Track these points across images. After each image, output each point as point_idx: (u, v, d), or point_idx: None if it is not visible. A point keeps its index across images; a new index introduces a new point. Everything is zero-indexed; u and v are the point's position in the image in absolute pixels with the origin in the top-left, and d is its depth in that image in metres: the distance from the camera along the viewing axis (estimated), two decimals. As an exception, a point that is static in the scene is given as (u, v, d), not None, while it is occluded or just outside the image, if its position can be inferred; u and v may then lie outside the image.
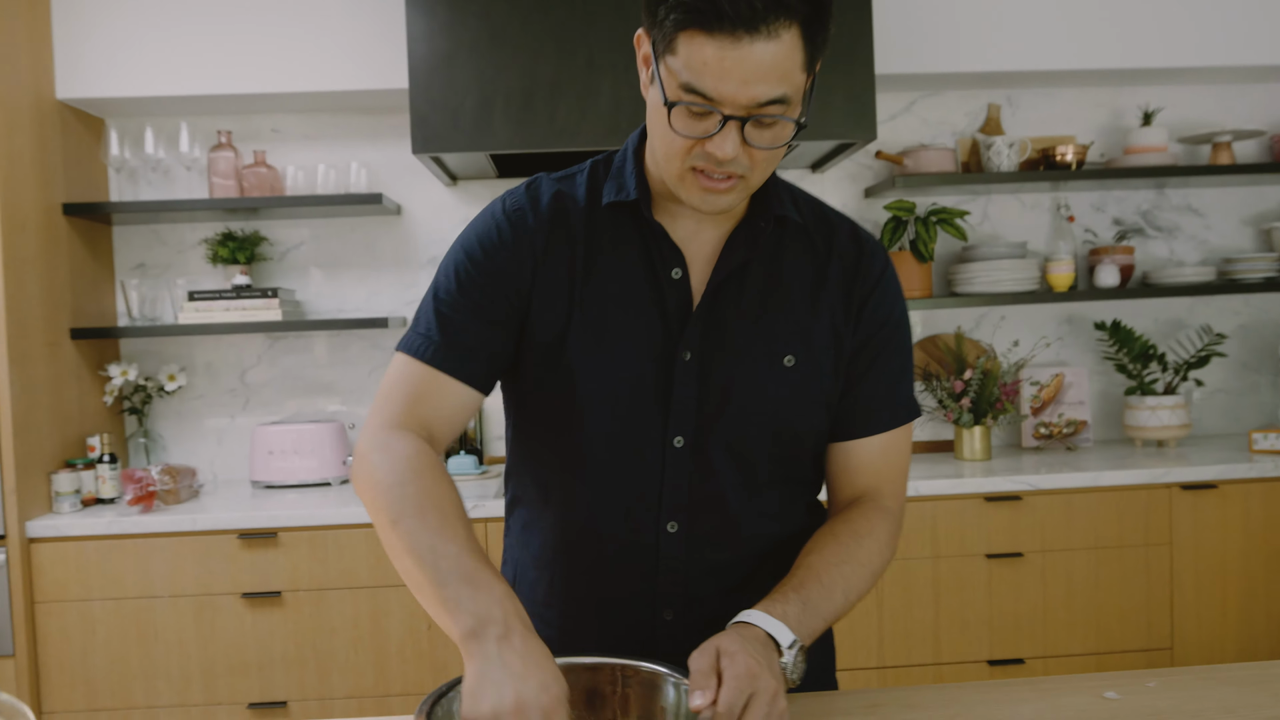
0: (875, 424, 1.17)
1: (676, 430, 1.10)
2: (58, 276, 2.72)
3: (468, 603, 0.90)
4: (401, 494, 1.00)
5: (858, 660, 2.63)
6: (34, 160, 2.61)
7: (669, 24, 0.93)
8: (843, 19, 2.54)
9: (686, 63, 0.93)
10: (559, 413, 1.12)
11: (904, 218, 2.93)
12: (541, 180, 1.16)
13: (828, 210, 1.20)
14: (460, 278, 1.11)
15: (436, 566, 0.93)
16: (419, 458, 1.03)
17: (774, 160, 1.03)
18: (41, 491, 2.61)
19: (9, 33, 2.51)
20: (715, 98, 0.94)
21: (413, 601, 2.54)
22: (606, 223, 1.12)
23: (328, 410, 3.10)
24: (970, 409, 2.88)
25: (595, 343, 1.10)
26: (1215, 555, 2.68)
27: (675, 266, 1.11)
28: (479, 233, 1.13)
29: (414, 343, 1.10)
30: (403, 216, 3.08)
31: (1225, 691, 1.10)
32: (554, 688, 0.86)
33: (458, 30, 2.51)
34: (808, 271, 1.15)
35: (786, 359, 1.12)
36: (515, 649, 0.87)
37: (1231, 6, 2.86)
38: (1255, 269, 2.96)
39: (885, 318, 1.17)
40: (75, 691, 2.53)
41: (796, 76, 0.95)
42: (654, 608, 1.14)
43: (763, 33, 0.90)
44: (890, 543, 1.15)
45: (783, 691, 0.91)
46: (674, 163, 1.01)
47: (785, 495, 1.19)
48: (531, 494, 1.21)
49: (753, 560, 1.16)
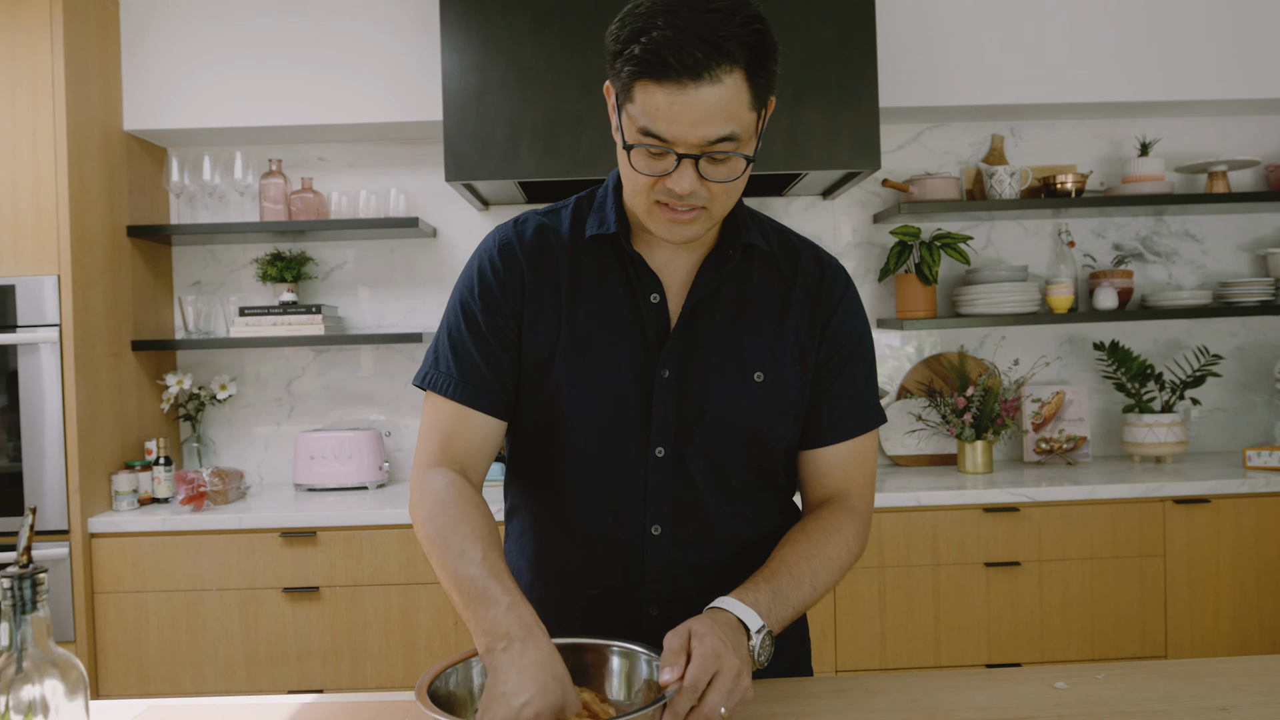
0: (841, 432, 1.25)
1: (658, 441, 1.19)
2: (121, 293, 2.95)
3: (481, 621, 1.00)
4: (432, 526, 1.11)
5: (861, 662, 2.76)
6: (102, 186, 2.85)
7: (625, 75, 1.03)
8: (849, 57, 2.72)
9: (642, 109, 1.02)
10: (549, 428, 1.21)
11: (909, 242, 3.08)
12: (529, 216, 1.26)
13: (793, 236, 1.30)
14: (466, 314, 1.22)
15: (459, 589, 1.04)
16: (448, 490, 1.14)
17: (733, 191, 1.11)
18: (102, 490, 2.82)
19: (83, 70, 2.75)
20: (669, 139, 1.03)
21: (441, 598, 2.72)
22: (589, 253, 1.22)
23: (367, 419, 3.29)
24: (972, 424, 3.01)
25: (581, 363, 1.19)
26: (1208, 567, 2.78)
27: (653, 292, 1.20)
28: (476, 270, 1.24)
29: (437, 380, 1.21)
30: (438, 239, 3.29)
31: (1168, 684, 1.16)
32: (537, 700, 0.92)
33: (488, 68, 2.71)
34: (774, 294, 1.24)
35: (757, 375, 1.21)
36: (514, 662, 0.94)
37: (1227, 42, 2.99)
38: (1251, 293, 3.07)
39: (848, 334, 1.26)
40: (129, 676, 2.72)
41: (744, 116, 1.03)
42: (640, 604, 1.22)
43: (706, 79, 0.99)
44: (858, 539, 1.22)
45: (747, 671, 0.99)
46: (640, 198, 1.11)
47: (759, 500, 1.27)
48: (526, 502, 1.30)
49: (731, 559, 1.24)
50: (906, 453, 3.27)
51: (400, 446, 3.29)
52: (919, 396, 3.25)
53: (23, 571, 0.74)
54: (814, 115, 2.72)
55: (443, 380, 1.21)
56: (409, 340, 3.02)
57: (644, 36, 1.00)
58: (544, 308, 1.21)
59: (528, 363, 1.21)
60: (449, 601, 2.71)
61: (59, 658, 0.77)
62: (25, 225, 2.66)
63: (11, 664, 0.75)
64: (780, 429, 1.23)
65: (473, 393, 1.20)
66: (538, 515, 1.29)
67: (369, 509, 2.75)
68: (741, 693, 0.97)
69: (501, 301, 1.21)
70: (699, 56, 0.98)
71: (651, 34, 0.99)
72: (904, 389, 3.27)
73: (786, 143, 2.72)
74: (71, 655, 0.79)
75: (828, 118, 2.73)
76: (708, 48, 0.98)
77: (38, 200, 2.65)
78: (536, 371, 1.21)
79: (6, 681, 0.74)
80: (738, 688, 0.96)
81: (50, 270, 2.66)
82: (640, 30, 1.00)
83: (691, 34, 0.98)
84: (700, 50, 0.98)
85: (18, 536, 0.77)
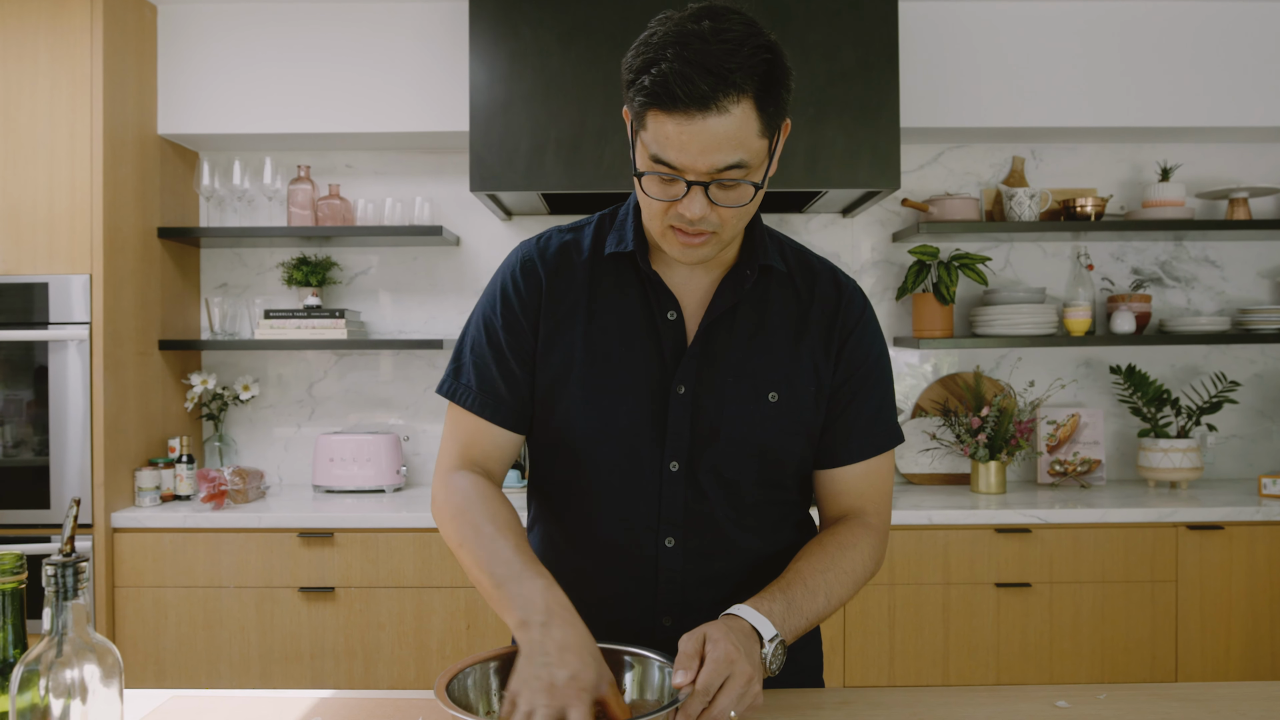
0: (856, 452, 1.27)
1: (672, 456, 1.22)
2: (150, 293, 3.01)
3: (516, 598, 1.04)
4: (462, 521, 1.16)
5: (869, 678, 2.77)
6: (135, 188, 2.91)
7: (637, 104, 1.06)
8: (870, 79, 2.75)
9: (654, 137, 1.06)
10: (566, 441, 1.24)
11: (928, 261, 3.10)
12: (552, 234, 1.30)
13: (812, 258, 1.32)
14: (488, 329, 1.26)
15: (493, 573, 1.09)
16: (473, 488, 1.20)
17: (743, 216, 1.13)
18: (126, 486, 2.87)
19: (121, 74, 2.82)
20: (679, 166, 1.06)
21: (454, 602, 2.75)
22: (609, 270, 1.25)
23: (386, 423, 3.34)
24: (986, 445, 3.02)
25: (599, 378, 1.22)
26: (1220, 594, 2.77)
27: (671, 310, 1.23)
28: (499, 287, 1.27)
29: (458, 391, 1.25)
30: (461, 247, 3.33)
31: (1169, 706, 1.17)
32: (582, 676, 0.95)
33: (515, 81, 2.75)
34: (791, 314, 1.26)
35: (771, 395, 1.23)
36: (554, 638, 0.98)
37: (1248, 70, 3.01)
38: (1270, 320, 3.06)
39: (865, 356, 1.27)
40: (147, 670, 2.76)
41: (753, 143, 1.06)
42: (654, 614, 1.25)
43: (714, 109, 1.02)
44: (873, 555, 1.24)
45: (758, 678, 1.00)
46: (655, 222, 1.14)
47: (771, 514, 1.29)
48: (544, 512, 1.33)
49: (743, 572, 1.26)
50: (920, 471, 3.28)
51: (418, 451, 3.33)
52: (934, 415, 3.26)
53: (66, 560, 0.78)
54: (835, 134, 2.75)
55: (463, 392, 1.26)
56: (429, 346, 3.06)
57: (654, 68, 1.03)
58: (563, 323, 1.24)
59: (546, 377, 1.24)
60: (462, 606, 2.75)
61: (97, 644, 0.81)
62: (59, 225, 2.72)
63: (52, 648, 0.78)
64: (793, 448, 1.25)
65: (491, 406, 1.24)
66: (555, 525, 1.32)
67: (386, 511, 2.79)
68: (752, 698, 0.99)
69: (521, 318, 1.24)
70: (705, 89, 1.01)
71: (661, 65, 1.02)
72: (919, 408, 3.29)
73: (807, 161, 2.75)
74: (109, 642, 0.83)
75: (849, 137, 2.75)
76: (714, 79, 1.01)
77: (72, 200, 2.72)
78: (554, 385, 1.23)
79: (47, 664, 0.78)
80: (748, 693, 0.99)
81: (82, 269, 2.72)
82: (651, 61, 1.03)
83: (699, 66, 1.01)
84: (707, 83, 1.01)
85: (62, 527, 0.81)
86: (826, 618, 1.19)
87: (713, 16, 1.04)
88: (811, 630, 1.34)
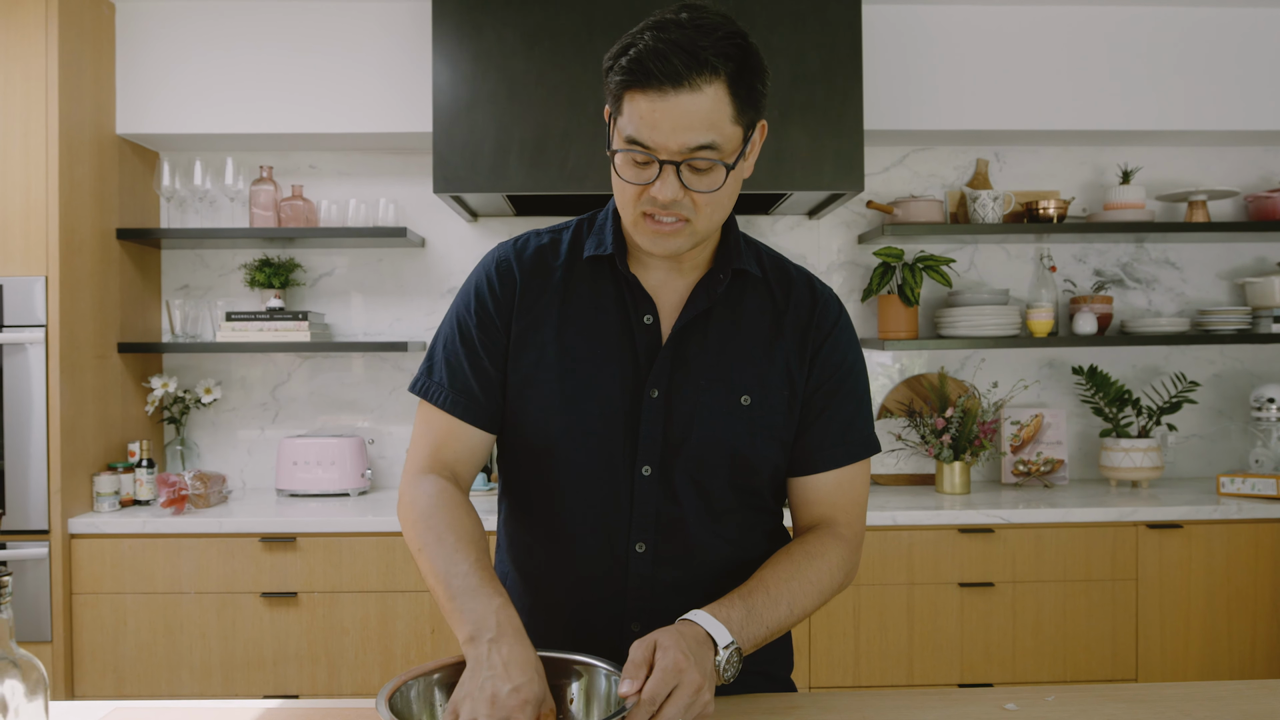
0: (829, 461, 1.26)
1: (645, 460, 1.21)
2: (109, 295, 2.97)
3: (469, 613, 1.04)
4: (425, 527, 1.15)
5: (834, 679, 2.78)
6: (92, 189, 2.87)
7: (614, 86, 1.09)
8: (834, 82, 2.76)
9: (629, 118, 1.08)
10: (538, 443, 1.23)
11: (892, 263, 3.11)
12: (529, 236, 1.31)
13: (788, 265, 1.32)
14: (461, 329, 1.26)
15: (449, 584, 1.08)
16: (440, 495, 1.19)
17: (716, 204, 1.13)
18: (84, 491, 2.83)
19: (77, 73, 2.78)
20: (651, 145, 1.08)
21: (418, 607, 2.73)
22: (586, 274, 1.25)
23: (352, 426, 3.31)
24: (950, 445, 3.04)
25: (572, 380, 1.22)
26: (1180, 592, 2.80)
27: (647, 313, 1.23)
28: (474, 287, 1.28)
29: (429, 389, 1.26)
30: (426, 249, 3.31)
31: (1115, 708, 1.18)
32: (525, 690, 0.96)
33: (479, 82, 2.74)
34: (766, 320, 1.26)
35: (744, 398, 1.22)
36: (501, 654, 0.99)
37: (1209, 74, 3.04)
38: (1229, 321, 3.10)
39: (839, 363, 1.27)
40: (105, 678, 2.72)
41: (725, 127, 1.08)
42: (622, 620, 1.24)
43: (686, 87, 1.05)
44: (843, 566, 1.23)
45: (709, 686, 1.00)
46: (628, 210, 1.15)
47: (743, 521, 1.28)
48: (515, 514, 1.33)
49: (714, 579, 1.24)
50: (885, 472, 3.30)
51: (384, 454, 3.30)
52: (899, 416, 3.28)
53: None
54: (799, 136, 2.75)
55: (435, 390, 1.26)
56: (395, 349, 3.04)
57: (632, 49, 1.07)
58: (537, 324, 1.24)
59: (517, 377, 1.24)
60: (426, 611, 2.73)
61: (20, 658, 0.79)
62: (14, 226, 2.68)
63: (-27, 664, 0.77)
64: (765, 453, 1.24)
65: (462, 405, 1.24)
66: (526, 528, 1.31)
67: (350, 516, 2.76)
68: (700, 707, 0.99)
69: (495, 319, 1.25)
70: (678, 65, 1.04)
71: (638, 45, 1.06)
72: (884, 409, 3.30)
73: (771, 163, 2.75)
74: (32, 656, 0.81)
75: (812, 139, 2.76)
76: (687, 57, 1.04)
77: (28, 201, 2.67)
78: (526, 387, 1.23)
79: (-32, 681, 0.76)
80: (696, 702, 0.98)
81: (39, 271, 2.68)
82: (629, 44, 1.08)
83: (674, 45, 1.04)
84: (680, 59, 1.04)
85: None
86: (790, 628, 1.18)
87: (691, 10, 1.08)
88: (781, 639, 1.34)
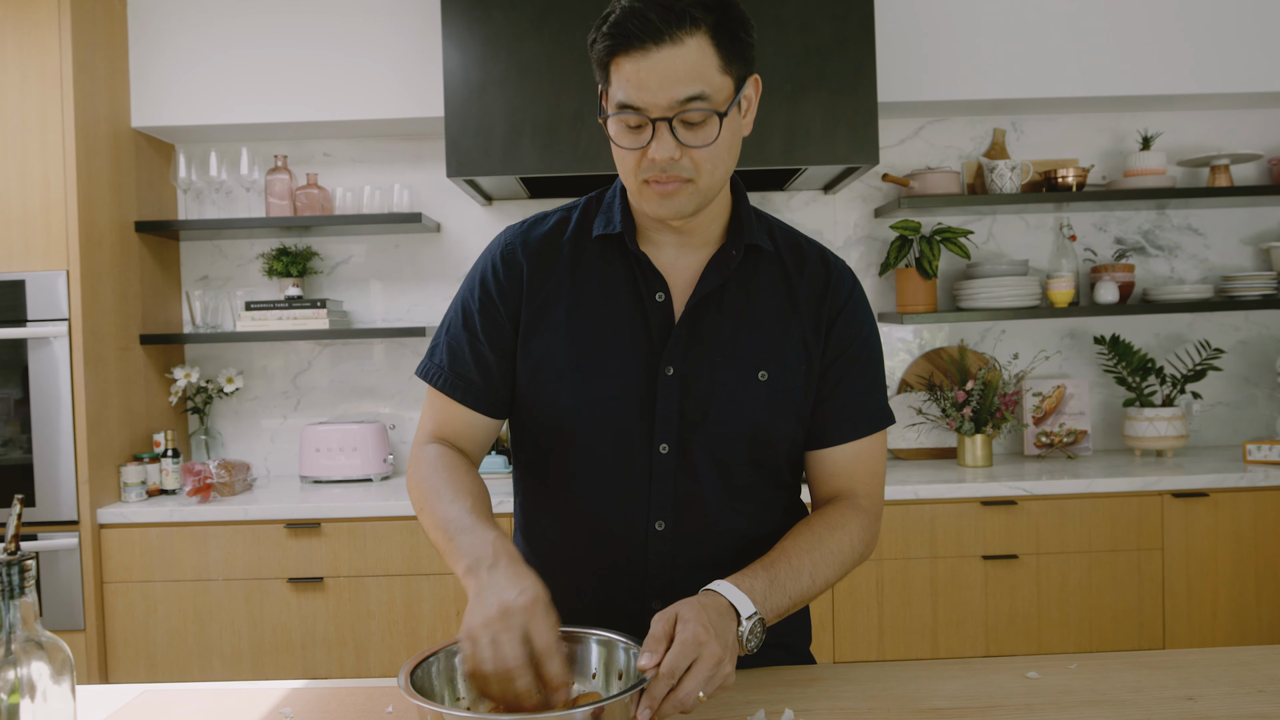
0: (846, 433, 1.26)
1: (662, 438, 1.21)
2: (130, 287, 2.99)
3: (465, 547, 1.05)
4: (426, 487, 1.18)
5: (859, 653, 2.78)
6: (110, 182, 2.89)
7: (601, 56, 1.09)
8: (847, 52, 2.73)
9: (618, 84, 1.08)
10: (554, 424, 1.23)
11: (910, 236, 3.09)
12: (536, 218, 1.30)
13: (801, 239, 1.31)
14: (465, 315, 1.26)
15: (447, 528, 1.10)
16: (440, 457, 1.22)
17: (716, 159, 1.12)
18: (111, 482, 2.86)
19: (91, 67, 2.79)
20: (640, 106, 1.07)
21: (443, 589, 2.75)
22: (596, 252, 1.25)
23: (373, 412, 3.33)
24: (972, 418, 3.02)
25: (586, 360, 1.21)
26: (1207, 561, 2.78)
27: (659, 291, 1.22)
28: (480, 271, 1.28)
29: (432, 373, 1.27)
30: (442, 234, 3.32)
31: (1138, 674, 1.17)
32: (532, 590, 0.97)
33: (489, 64, 2.73)
34: (780, 294, 1.25)
35: (760, 374, 1.22)
36: (501, 572, 1.00)
37: (1229, 36, 2.99)
38: (1253, 287, 3.06)
39: (854, 335, 1.26)
40: (138, 665, 2.77)
41: (714, 78, 1.07)
42: (644, 598, 1.24)
43: (667, 41, 1.05)
44: (863, 536, 1.23)
45: (730, 658, 0.99)
46: (630, 179, 1.14)
47: (762, 497, 1.28)
48: (533, 496, 1.33)
49: (733, 555, 1.23)
50: (906, 446, 3.28)
51: (405, 439, 3.32)
52: (919, 390, 3.26)
53: (10, 559, 0.77)
54: (812, 110, 2.73)
55: (435, 372, 1.27)
56: (413, 334, 3.05)
57: (611, 16, 1.08)
58: (547, 308, 1.23)
59: (531, 361, 1.23)
60: (451, 593, 2.75)
61: (46, 641, 0.80)
62: (35, 221, 2.70)
63: (0, 647, 0.78)
64: (783, 428, 1.24)
65: (461, 389, 1.25)
66: (544, 509, 1.31)
67: (373, 500, 2.79)
68: (721, 679, 0.98)
69: (499, 305, 1.24)
70: (655, 20, 1.05)
71: (616, 11, 1.07)
72: (904, 383, 3.29)
73: (785, 138, 2.73)
74: (58, 638, 0.82)
75: (826, 113, 2.74)
76: (664, 11, 1.04)
77: (47, 196, 2.70)
78: (540, 369, 1.23)
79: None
80: (717, 674, 0.97)
81: (59, 265, 2.71)
82: (608, 13, 1.09)
83: (651, 3, 1.05)
84: (656, 14, 1.05)
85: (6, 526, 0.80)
86: (813, 598, 1.17)
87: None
88: (800, 612, 1.34)
